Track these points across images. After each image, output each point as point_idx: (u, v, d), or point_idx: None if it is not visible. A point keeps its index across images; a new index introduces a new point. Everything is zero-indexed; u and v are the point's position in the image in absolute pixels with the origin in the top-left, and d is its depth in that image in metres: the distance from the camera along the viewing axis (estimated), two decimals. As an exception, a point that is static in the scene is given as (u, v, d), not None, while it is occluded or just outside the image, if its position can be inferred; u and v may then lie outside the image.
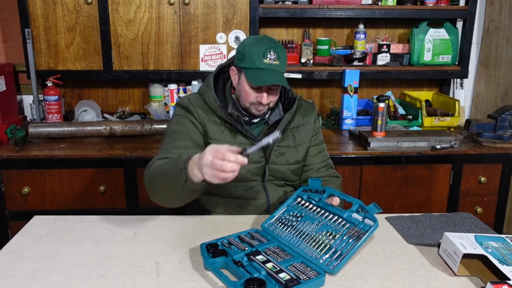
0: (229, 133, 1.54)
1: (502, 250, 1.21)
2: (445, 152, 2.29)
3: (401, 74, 2.69)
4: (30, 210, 2.18)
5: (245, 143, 1.53)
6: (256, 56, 1.43)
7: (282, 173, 1.60)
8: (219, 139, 1.52)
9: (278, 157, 1.58)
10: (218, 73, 1.62)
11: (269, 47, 1.44)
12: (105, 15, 2.39)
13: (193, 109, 1.53)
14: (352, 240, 1.22)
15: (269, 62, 1.43)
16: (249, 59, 1.44)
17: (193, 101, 1.55)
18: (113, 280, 1.14)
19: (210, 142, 1.51)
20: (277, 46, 1.46)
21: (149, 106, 2.64)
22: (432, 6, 2.59)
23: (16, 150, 2.19)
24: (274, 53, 1.44)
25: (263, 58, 1.43)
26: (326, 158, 1.71)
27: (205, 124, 1.53)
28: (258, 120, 1.59)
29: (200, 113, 1.53)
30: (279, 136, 1.22)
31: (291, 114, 1.57)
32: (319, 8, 2.51)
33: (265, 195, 1.59)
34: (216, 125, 1.53)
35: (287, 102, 1.63)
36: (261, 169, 1.57)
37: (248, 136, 1.54)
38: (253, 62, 1.44)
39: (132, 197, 2.24)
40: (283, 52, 1.47)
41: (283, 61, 1.47)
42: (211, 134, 1.53)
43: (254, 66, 1.44)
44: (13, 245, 1.32)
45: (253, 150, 1.20)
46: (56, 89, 2.48)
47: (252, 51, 1.44)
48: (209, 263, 1.17)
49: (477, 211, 2.39)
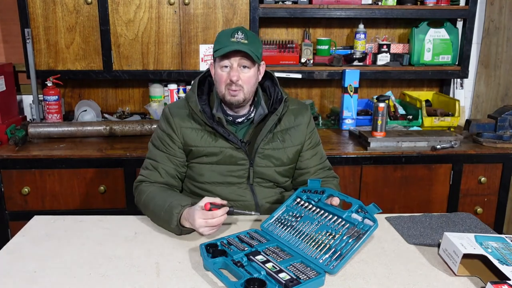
0: (210, 136, 1.55)
1: (502, 250, 1.21)
2: (445, 152, 2.29)
3: (401, 74, 2.68)
4: (30, 210, 2.18)
5: (226, 147, 1.54)
6: (224, 37, 1.46)
7: (269, 175, 1.59)
8: (199, 145, 1.55)
9: (262, 159, 1.57)
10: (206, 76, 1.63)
11: (237, 29, 1.46)
12: (105, 15, 2.39)
13: (172, 121, 1.56)
14: (352, 240, 1.22)
15: (236, 40, 1.44)
16: (218, 42, 1.48)
17: (173, 110, 1.59)
18: (113, 280, 1.14)
19: (191, 149, 1.56)
20: (246, 31, 1.48)
21: (149, 106, 2.64)
22: (432, 6, 2.59)
23: (16, 150, 2.19)
24: (241, 33, 1.45)
25: (230, 38, 1.45)
26: (323, 161, 1.69)
27: (183, 134, 1.55)
28: (242, 119, 1.57)
29: (178, 123, 1.56)
30: (259, 214, 1.45)
31: (277, 116, 1.55)
32: (319, 8, 2.51)
33: (252, 196, 1.58)
34: (195, 131, 1.55)
35: (276, 103, 1.59)
36: (246, 171, 1.57)
37: (230, 140, 1.53)
38: (220, 42, 1.46)
39: (132, 197, 2.21)
40: (254, 37, 1.49)
41: (253, 42, 1.47)
42: (190, 141, 1.55)
43: (222, 46, 1.45)
44: (13, 245, 1.32)
45: (238, 212, 1.40)
46: (56, 89, 2.48)
47: (220, 34, 1.49)
48: (209, 263, 1.17)
49: (477, 211, 2.39)
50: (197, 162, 1.57)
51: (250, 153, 1.56)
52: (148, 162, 1.60)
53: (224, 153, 1.54)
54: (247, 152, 1.55)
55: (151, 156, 1.60)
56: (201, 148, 1.55)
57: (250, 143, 1.57)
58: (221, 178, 1.56)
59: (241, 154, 1.55)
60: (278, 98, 1.60)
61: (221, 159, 1.55)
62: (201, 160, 1.56)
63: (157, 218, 1.44)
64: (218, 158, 1.55)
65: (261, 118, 1.56)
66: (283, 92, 1.60)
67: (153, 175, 1.56)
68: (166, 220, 1.38)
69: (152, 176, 1.56)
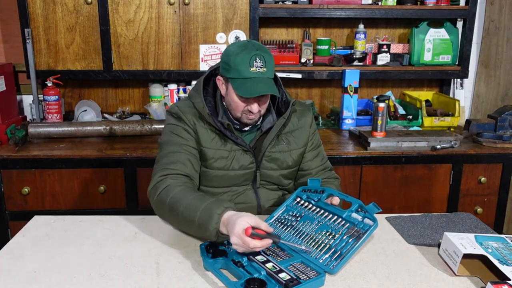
0: (220, 140, 1.51)
1: (502, 250, 1.21)
2: (445, 152, 2.29)
3: (401, 74, 2.68)
4: (30, 210, 2.18)
5: (235, 150, 1.51)
6: (242, 65, 1.37)
7: (275, 178, 1.58)
8: (210, 146, 1.50)
9: (269, 163, 1.55)
10: (210, 75, 1.57)
11: (254, 55, 1.38)
12: (105, 15, 2.39)
13: (184, 116, 1.50)
14: (351, 240, 1.22)
15: (256, 71, 1.38)
16: (235, 70, 1.39)
17: (183, 108, 1.52)
18: (113, 280, 1.14)
19: (202, 149, 1.50)
20: (262, 51, 1.40)
21: (149, 106, 2.64)
22: (432, 6, 2.59)
23: (16, 150, 2.19)
24: (260, 60, 1.38)
25: (249, 67, 1.37)
26: (324, 162, 1.68)
27: (197, 130, 1.50)
28: (249, 127, 1.55)
29: (191, 119, 1.50)
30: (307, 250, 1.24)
31: (284, 120, 1.53)
32: (319, 8, 2.51)
33: (256, 199, 1.57)
34: (206, 131, 1.50)
35: (281, 105, 1.58)
36: (252, 174, 1.55)
37: (239, 143, 1.51)
38: (239, 72, 1.38)
39: (132, 197, 2.24)
40: (270, 57, 1.42)
41: (270, 67, 1.41)
42: (202, 141, 1.50)
43: (241, 76, 1.38)
44: (13, 245, 1.32)
45: (284, 244, 1.24)
46: (56, 89, 2.48)
47: (237, 61, 1.38)
48: (209, 263, 1.17)
49: (477, 211, 2.39)
50: (204, 166, 1.52)
51: (257, 157, 1.54)
52: (163, 161, 1.45)
53: (233, 156, 1.51)
54: (255, 155, 1.54)
55: (169, 150, 1.47)
56: (211, 150, 1.50)
57: (257, 148, 1.55)
58: (228, 183, 1.54)
59: (249, 157, 1.53)
60: (283, 100, 1.58)
61: (229, 163, 1.51)
62: (209, 164, 1.51)
63: (188, 222, 1.28)
64: (226, 161, 1.51)
65: (270, 125, 1.54)
66: (288, 94, 1.59)
67: (180, 166, 1.42)
68: (201, 223, 1.23)
69: (179, 167, 1.42)
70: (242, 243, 1.14)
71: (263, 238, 1.16)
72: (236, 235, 1.14)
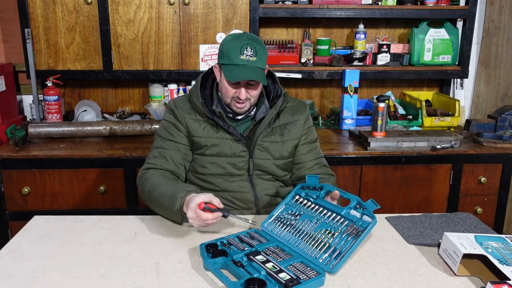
0: (211, 128, 1.60)
1: (502, 250, 1.21)
2: (445, 152, 2.29)
3: (401, 74, 2.68)
4: (30, 210, 2.18)
5: (227, 138, 1.59)
6: (233, 52, 1.47)
7: (268, 168, 1.63)
8: (201, 135, 1.60)
9: (261, 152, 1.62)
10: (210, 73, 1.67)
11: (245, 44, 1.47)
12: (105, 15, 2.39)
13: (176, 111, 1.61)
14: (351, 238, 1.22)
15: (246, 58, 1.47)
16: (227, 56, 1.49)
17: (178, 103, 1.64)
18: (113, 280, 1.14)
19: (194, 139, 1.60)
20: (255, 42, 1.49)
21: (149, 106, 2.64)
22: (432, 6, 2.59)
23: (16, 150, 2.19)
24: (251, 50, 1.47)
25: (239, 55, 1.47)
26: (319, 156, 1.73)
27: (187, 123, 1.60)
28: (242, 116, 1.62)
29: (182, 114, 1.61)
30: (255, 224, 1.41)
31: (276, 110, 1.60)
32: (319, 8, 2.51)
33: (251, 188, 1.62)
34: (198, 122, 1.60)
35: (276, 98, 1.65)
36: (246, 163, 1.61)
37: (230, 132, 1.58)
38: (230, 58, 1.48)
39: (132, 197, 2.24)
40: (262, 48, 1.50)
41: (261, 58, 1.49)
42: (193, 131, 1.60)
43: (231, 63, 1.48)
44: (13, 245, 1.32)
45: (232, 217, 1.36)
46: (56, 89, 2.48)
47: (230, 48, 1.48)
48: (209, 263, 1.17)
49: (477, 211, 2.39)
50: (199, 154, 1.62)
51: (250, 145, 1.61)
52: (154, 151, 1.61)
53: (225, 144, 1.59)
54: (246, 144, 1.60)
55: (158, 145, 1.62)
56: (203, 138, 1.59)
57: (250, 137, 1.62)
58: (222, 170, 1.60)
59: (241, 146, 1.59)
60: (277, 94, 1.65)
61: (222, 151, 1.59)
62: (203, 152, 1.60)
63: (160, 205, 1.44)
64: (219, 149, 1.59)
65: (263, 115, 1.61)
66: (282, 89, 1.66)
67: (160, 161, 1.57)
68: (169, 206, 1.37)
69: (159, 162, 1.57)
70: (196, 216, 1.28)
71: (214, 211, 1.29)
72: (191, 210, 1.29)
